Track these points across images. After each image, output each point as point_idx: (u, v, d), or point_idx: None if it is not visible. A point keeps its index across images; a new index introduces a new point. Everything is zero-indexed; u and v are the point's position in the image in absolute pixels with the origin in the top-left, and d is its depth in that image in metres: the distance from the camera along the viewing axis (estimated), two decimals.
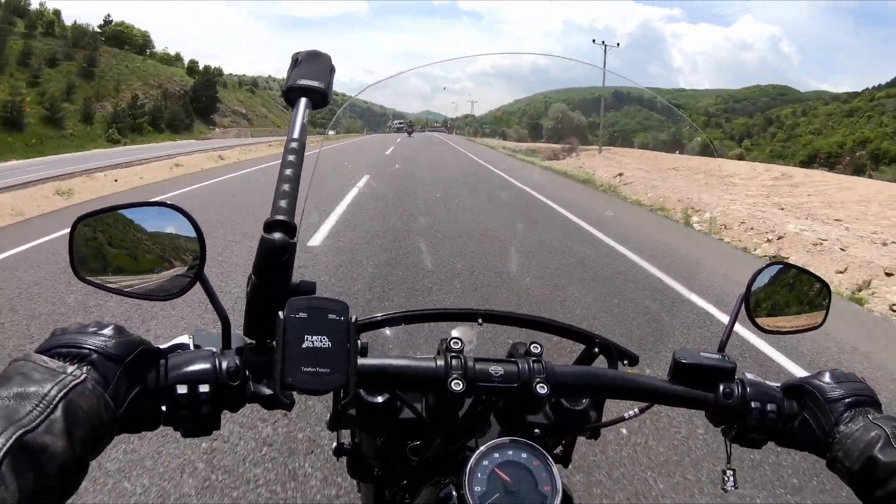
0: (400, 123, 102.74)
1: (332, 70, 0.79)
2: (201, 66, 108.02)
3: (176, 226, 0.67)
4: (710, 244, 9.69)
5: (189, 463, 2.66)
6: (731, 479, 0.85)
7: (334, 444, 0.91)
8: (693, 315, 5.37)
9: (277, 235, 0.61)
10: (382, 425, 0.82)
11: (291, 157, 0.68)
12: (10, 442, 0.45)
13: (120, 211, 0.68)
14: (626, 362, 0.92)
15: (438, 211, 9.46)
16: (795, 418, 0.79)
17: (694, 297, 5.83)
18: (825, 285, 0.91)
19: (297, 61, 0.78)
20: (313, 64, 0.77)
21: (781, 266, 0.89)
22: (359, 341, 0.66)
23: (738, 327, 0.83)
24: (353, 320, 0.64)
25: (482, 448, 0.72)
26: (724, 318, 0.78)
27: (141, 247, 0.69)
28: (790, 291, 0.91)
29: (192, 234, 0.67)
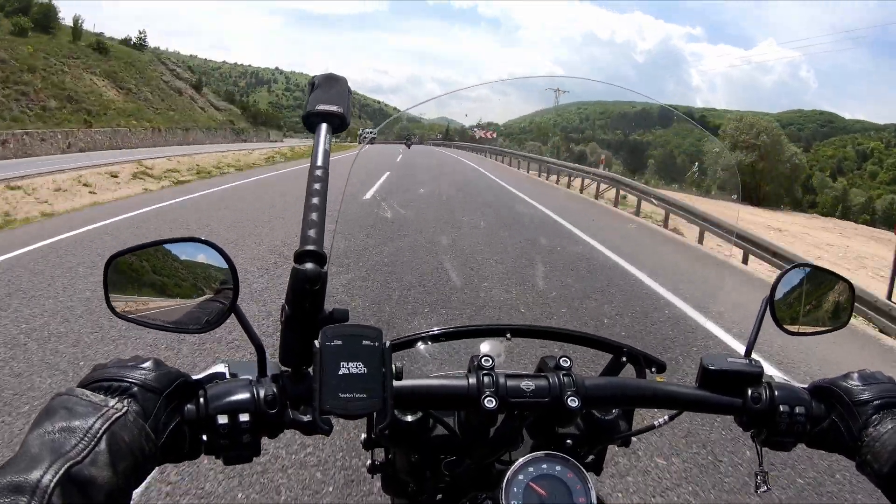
0: (372, 133, 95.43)
1: (349, 92, 0.80)
2: None
3: (208, 259, 0.69)
4: None
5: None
6: (765, 480, 0.85)
7: (368, 461, 0.92)
8: None
9: (309, 266, 0.62)
10: (416, 443, 0.83)
11: (317, 185, 0.69)
12: (60, 474, 0.47)
13: (153, 247, 0.70)
14: (653, 370, 0.92)
15: None
16: (824, 420, 0.79)
17: None
18: (848, 284, 0.91)
19: (315, 85, 0.79)
20: (330, 88, 0.78)
21: (804, 268, 0.89)
22: (393, 365, 0.67)
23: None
24: (387, 345, 0.65)
25: (517, 463, 0.72)
26: None
27: (174, 281, 0.70)
28: (814, 292, 0.91)
29: (224, 266, 0.68)
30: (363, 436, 0.86)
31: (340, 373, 0.62)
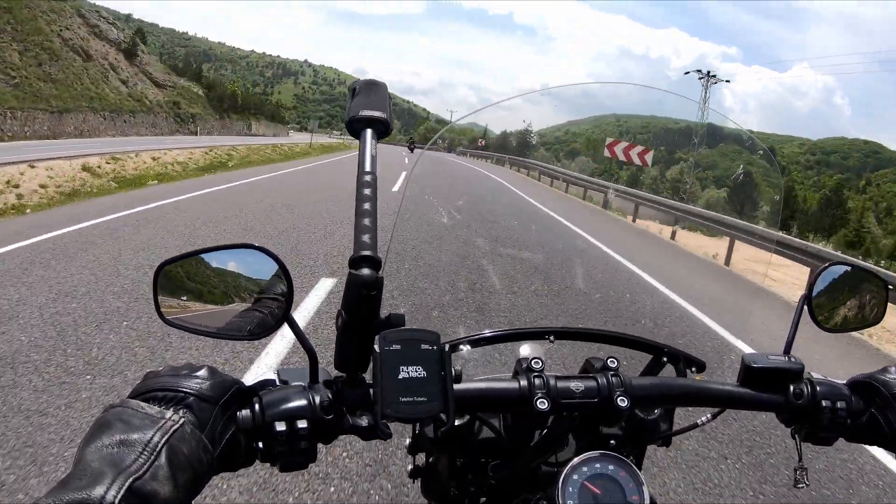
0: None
1: (389, 98, 0.80)
2: None
3: (260, 265, 0.68)
4: None
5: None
6: (804, 476, 0.86)
7: (409, 466, 0.92)
8: None
9: (365, 271, 0.62)
10: (462, 446, 0.84)
11: (367, 191, 0.68)
12: (124, 490, 0.47)
13: (204, 255, 0.69)
14: (693, 369, 0.93)
15: None
16: (863, 414, 0.81)
17: None
18: (883, 281, 0.93)
19: (356, 91, 0.79)
20: (372, 94, 0.78)
21: (841, 266, 0.91)
22: (452, 368, 0.67)
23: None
24: (446, 349, 0.65)
25: (573, 462, 0.73)
26: None
27: (225, 288, 0.70)
28: (849, 290, 0.93)
29: (279, 274, 0.68)
30: (408, 440, 0.87)
31: (400, 377, 0.62)
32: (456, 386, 0.71)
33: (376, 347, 0.63)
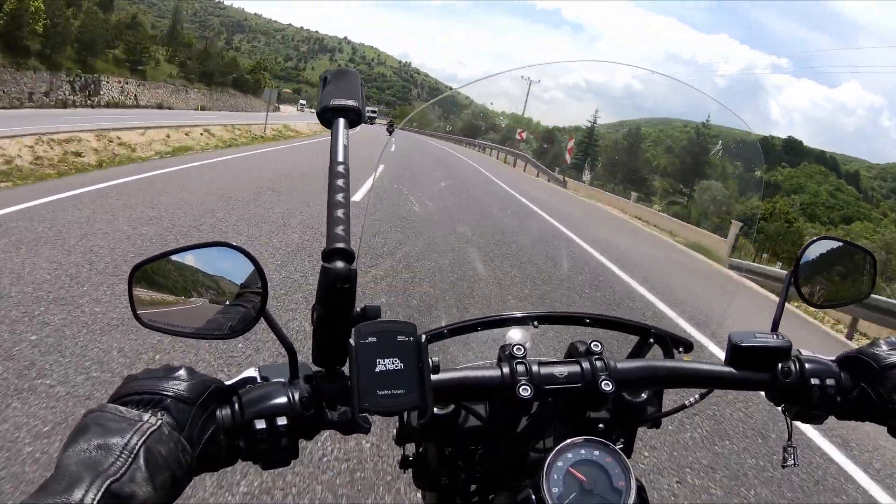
0: (372, 112, 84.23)
1: (362, 86, 0.78)
2: None
3: (235, 264, 0.68)
4: None
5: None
6: (793, 455, 0.86)
7: (399, 456, 0.92)
8: None
9: (339, 264, 0.61)
10: (448, 435, 0.83)
11: (339, 182, 0.67)
12: (101, 492, 0.47)
13: (176, 255, 0.69)
14: (681, 350, 0.93)
15: None
16: (853, 390, 0.80)
17: None
18: (869, 255, 0.92)
19: (327, 81, 0.78)
20: (343, 82, 0.77)
21: (827, 241, 0.90)
22: (430, 359, 0.66)
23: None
24: (423, 339, 0.64)
25: (556, 449, 0.72)
26: None
27: (201, 287, 0.69)
28: (836, 264, 0.91)
29: (252, 270, 0.67)
30: (394, 431, 0.86)
31: (377, 370, 0.62)
32: (437, 376, 0.71)
33: (352, 341, 0.62)
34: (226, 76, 69.91)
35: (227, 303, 0.68)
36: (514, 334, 0.90)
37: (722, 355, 0.85)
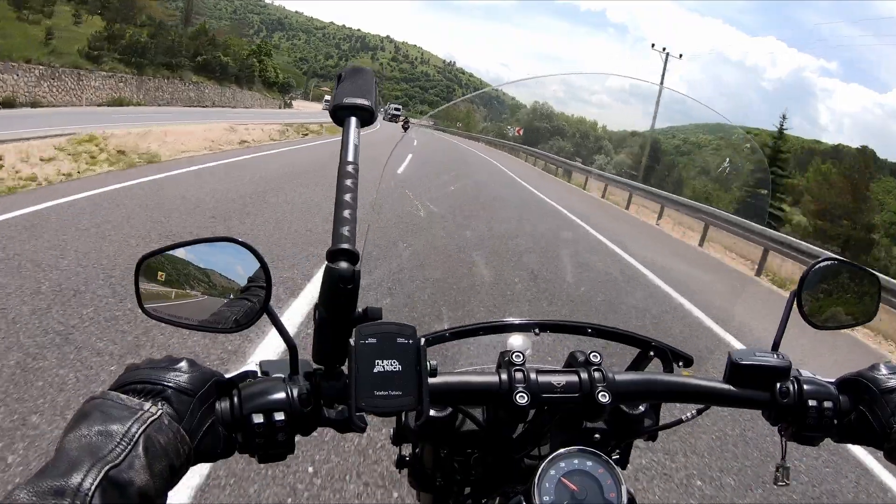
0: (396, 109, 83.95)
1: (376, 85, 0.79)
2: None
3: (239, 258, 0.69)
4: None
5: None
6: (785, 475, 0.86)
7: (395, 456, 0.93)
8: None
9: (343, 265, 0.62)
10: (445, 438, 0.84)
11: (348, 182, 0.68)
12: (100, 477, 0.48)
13: (182, 248, 0.69)
14: (680, 364, 0.93)
15: None
16: (851, 413, 0.79)
17: None
18: (874, 277, 0.92)
19: (341, 78, 0.78)
20: (357, 80, 0.77)
21: (831, 262, 0.89)
22: (428, 362, 0.67)
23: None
24: (422, 343, 0.65)
25: (549, 458, 0.73)
26: None
27: (206, 281, 0.70)
28: (840, 286, 0.91)
29: (257, 265, 0.68)
30: (391, 431, 0.87)
31: (375, 370, 0.62)
32: (435, 379, 0.71)
33: (352, 341, 0.63)
34: (196, 59, 49.92)
35: (232, 297, 0.69)
36: (515, 340, 0.91)
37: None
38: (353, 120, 0.73)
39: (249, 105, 61.27)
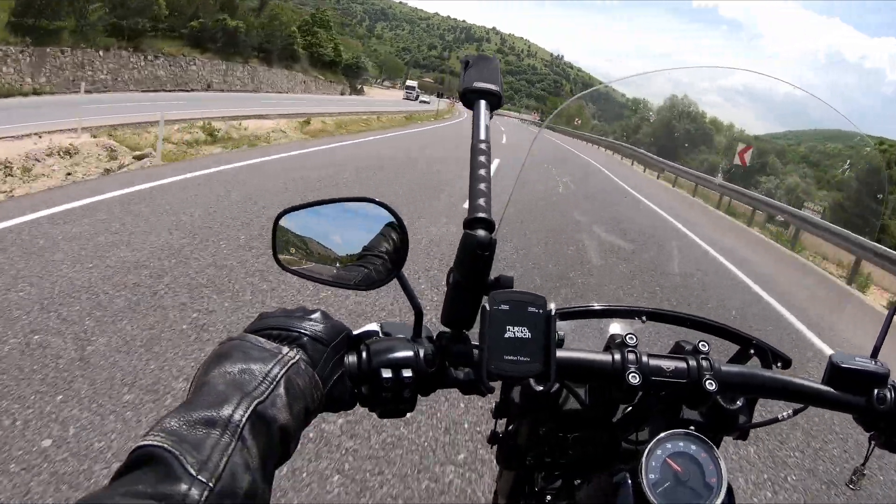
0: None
1: (500, 72, 0.81)
2: None
3: (378, 219, 0.72)
4: None
5: None
6: (860, 480, 0.87)
7: (490, 431, 0.95)
8: None
9: (480, 232, 0.64)
10: (548, 414, 0.86)
11: (482, 158, 0.70)
12: (250, 411, 0.51)
13: (323, 206, 0.73)
14: (779, 364, 0.93)
15: None
16: None
17: None
18: None
19: (469, 64, 0.81)
20: (484, 67, 0.80)
21: None
22: (556, 333, 0.68)
23: None
24: (553, 313, 0.66)
25: (658, 437, 0.74)
26: None
27: (342, 239, 0.73)
28: None
29: (396, 227, 0.71)
30: (494, 403, 0.89)
31: (506, 336, 0.64)
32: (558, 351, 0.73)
33: (486, 305, 0.65)
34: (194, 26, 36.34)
35: (366, 256, 0.72)
36: (619, 326, 0.92)
37: None
38: (483, 103, 0.76)
39: (285, 89, 48.82)
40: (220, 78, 39.56)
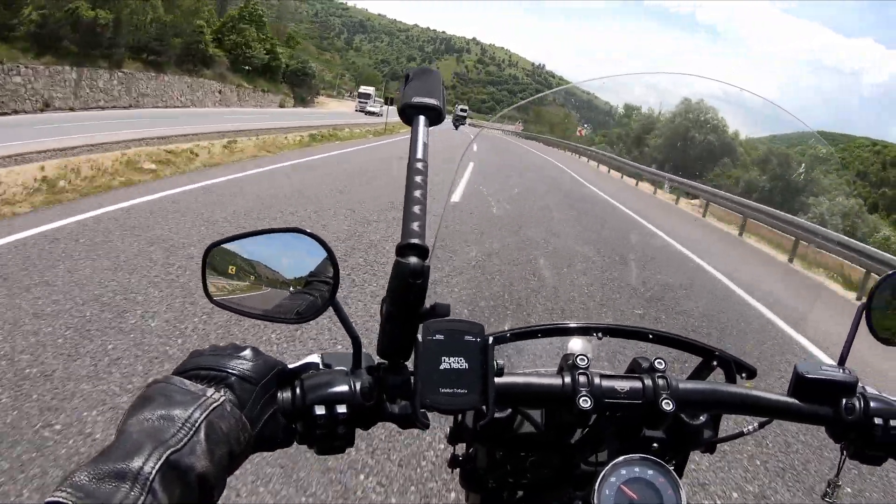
0: (462, 112, 73.87)
1: (443, 86, 0.79)
2: None
3: (308, 251, 0.69)
4: None
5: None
6: (835, 493, 0.85)
7: (449, 455, 0.93)
8: None
9: (412, 259, 0.61)
10: (502, 439, 0.83)
11: (418, 178, 0.67)
12: (161, 461, 0.48)
13: (251, 238, 0.70)
14: (743, 375, 0.91)
15: None
16: None
17: None
18: None
19: (409, 78, 0.78)
20: (425, 80, 0.77)
21: None
22: (495, 361, 0.66)
23: None
24: (490, 341, 0.64)
25: (611, 464, 0.71)
26: None
27: (272, 271, 0.71)
28: None
29: (324, 256, 0.69)
30: (448, 429, 0.87)
31: (441, 367, 0.62)
32: (498, 379, 0.71)
33: (419, 337, 0.63)
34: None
35: (298, 288, 0.70)
36: (576, 344, 0.90)
37: None
38: (422, 119, 0.73)
39: (187, 102, 38.32)
40: (68, 91, 28.07)
